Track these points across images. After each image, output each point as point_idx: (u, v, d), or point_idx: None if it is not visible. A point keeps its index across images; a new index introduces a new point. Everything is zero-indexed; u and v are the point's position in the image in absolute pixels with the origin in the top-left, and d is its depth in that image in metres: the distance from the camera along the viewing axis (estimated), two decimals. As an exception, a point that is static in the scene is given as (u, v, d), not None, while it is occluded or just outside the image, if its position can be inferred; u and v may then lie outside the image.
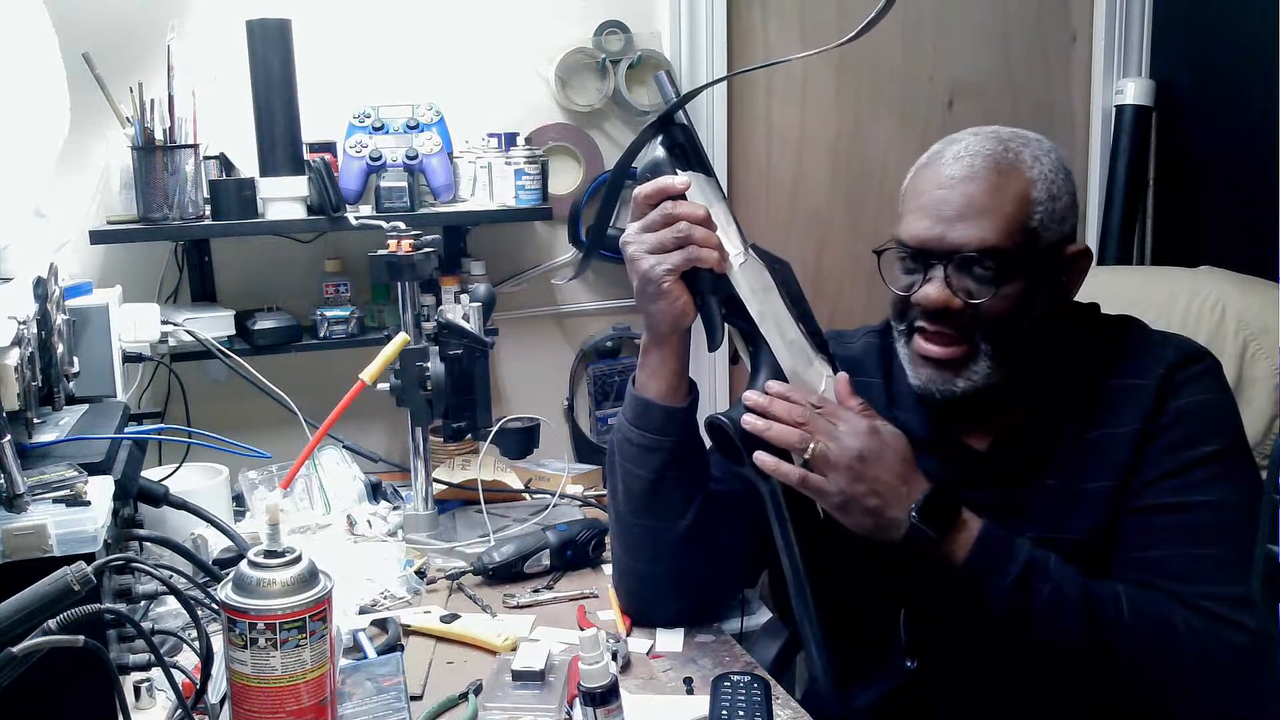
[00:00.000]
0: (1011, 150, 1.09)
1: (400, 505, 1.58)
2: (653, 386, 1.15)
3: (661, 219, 1.06)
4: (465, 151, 1.87)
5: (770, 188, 2.21)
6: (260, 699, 0.88)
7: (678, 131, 1.08)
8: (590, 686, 0.94)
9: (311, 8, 1.79)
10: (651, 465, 1.16)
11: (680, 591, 1.22)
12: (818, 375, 1.09)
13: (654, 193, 1.07)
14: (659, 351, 1.14)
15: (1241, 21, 2.13)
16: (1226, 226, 2.19)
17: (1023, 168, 1.08)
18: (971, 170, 1.08)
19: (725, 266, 1.06)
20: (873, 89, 2.24)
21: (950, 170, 1.09)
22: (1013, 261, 1.06)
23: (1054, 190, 1.09)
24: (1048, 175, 1.09)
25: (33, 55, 1.18)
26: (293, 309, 1.80)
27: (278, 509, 0.91)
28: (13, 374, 0.98)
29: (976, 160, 1.08)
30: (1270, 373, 1.46)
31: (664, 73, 1.15)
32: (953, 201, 1.07)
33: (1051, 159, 1.11)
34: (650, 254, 1.06)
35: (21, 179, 1.15)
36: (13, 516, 0.89)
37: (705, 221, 1.06)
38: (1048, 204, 1.08)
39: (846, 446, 1.03)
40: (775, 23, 2.14)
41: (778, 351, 1.08)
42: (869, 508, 1.03)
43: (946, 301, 1.08)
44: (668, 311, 1.09)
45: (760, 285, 1.07)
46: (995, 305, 1.07)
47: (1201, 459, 1.08)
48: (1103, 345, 1.16)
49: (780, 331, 1.08)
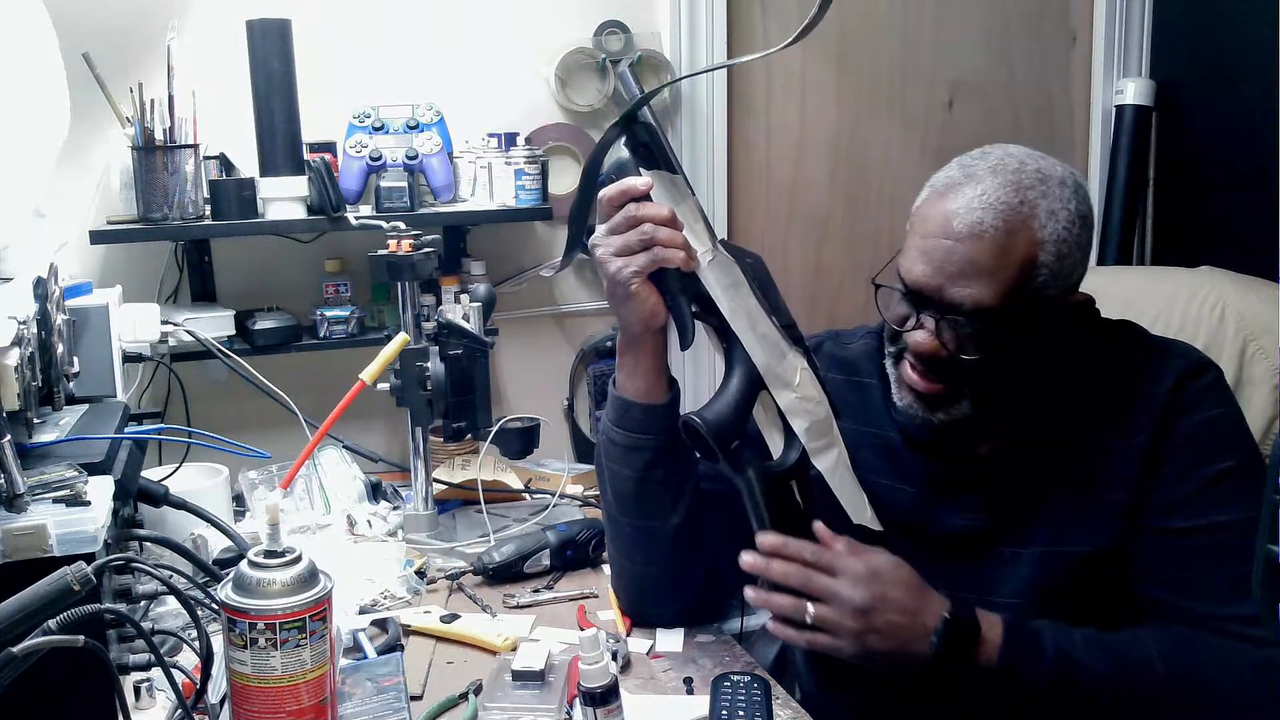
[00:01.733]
0: (1027, 203, 1.04)
1: (400, 505, 1.58)
2: (631, 386, 1.15)
3: (626, 221, 1.05)
4: (465, 151, 1.87)
5: (770, 188, 2.21)
6: (260, 699, 0.88)
7: (640, 130, 1.06)
8: (590, 686, 0.94)
9: (311, 8, 1.79)
10: (636, 465, 1.16)
11: (678, 591, 1.23)
12: (791, 368, 1.08)
13: (617, 195, 1.06)
14: (634, 351, 1.14)
15: (1241, 21, 2.12)
16: (1226, 226, 2.19)
17: (1035, 225, 1.03)
18: (980, 228, 1.03)
19: (693, 265, 1.06)
20: (873, 89, 2.24)
21: (960, 222, 1.03)
22: (1007, 323, 1.04)
23: (1064, 249, 1.05)
24: (1060, 234, 1.04)
25: (33, 55, 1.18)
26: (293, 309, 1.80)
27: (278, 509, 0.91)
28: (13, 374, 0.98)
29: (988, 215, 1.03)
30: (1269, 373, 1.46)
31: (626, 69, 1.14)
32: (955, 258, 1.03)
33: (1069, 211, 1.05)
34: (617, 256, 1.06)
35: (21, 179, 1.15)
36: (13, 516, 0.89)
37: (670, 221, 1.05)
38: (1054, 264, 1.04)
39: (847, 602, 1.01)
40: (775, 23, 2.14)
41: (750, 347, 1.07)
42: (887, 651, 1.02)
43: (934, 351, 1.07)
44: (638, 312, 1.09)
45: (730, 281, 1.07)
46: (984, 361, 1.06)
47: (1219, 476, 1.08)
48: (1105, 350, 1.15)
49: (752, 326, 1.07)
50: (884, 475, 1.19)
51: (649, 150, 1.07)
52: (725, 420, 1.06)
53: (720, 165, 2.11)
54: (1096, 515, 1.11)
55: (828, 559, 1.04)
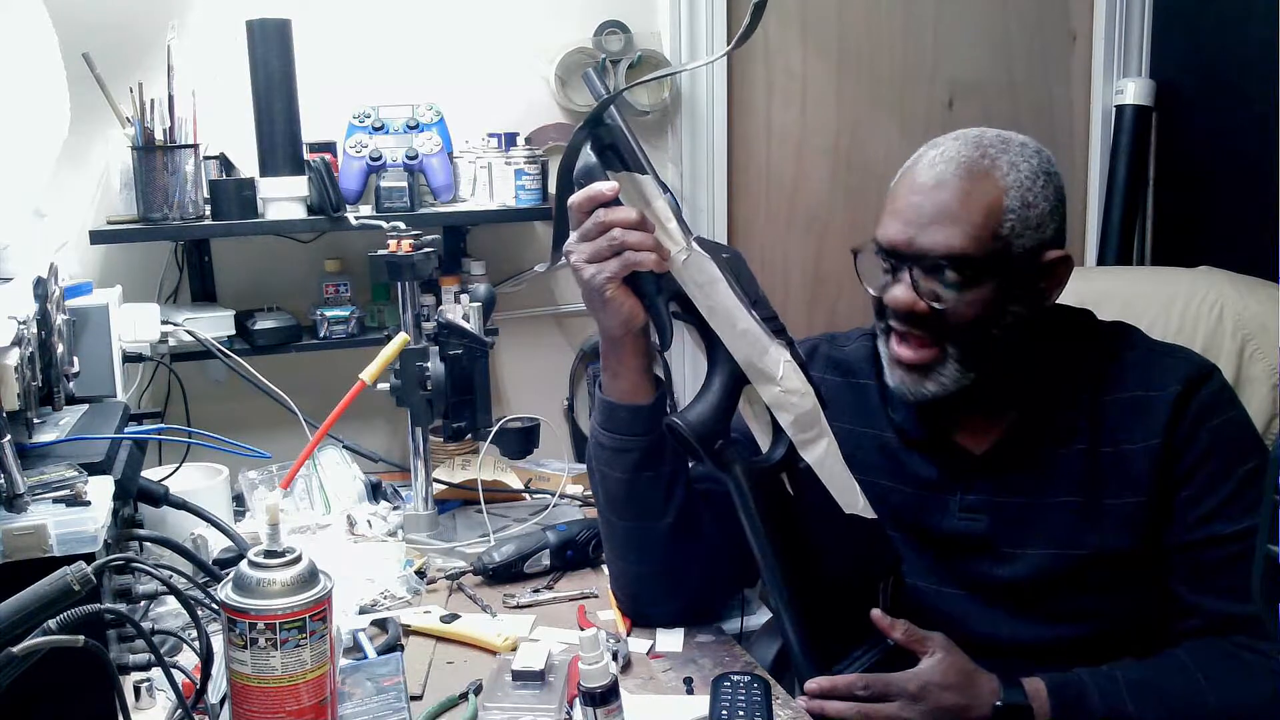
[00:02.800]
0: (988, 157, 1.09)
1: (400, 505, 1.58)
2: (615, 388, 1.15)
3: (595, 228, 1.05)
4: (465, 151, 1.87)
5: (770, 188, 2.21)
6: (260, 699, 0.88)
7: (604, 133, 1.05)
8: (590, 686, 0.94)
9: (311, 8, 1.79)
10: (624, 466, 1.16)
11: (675, 591, 1.22)
12: (774, 362, 1.07)
13: (584, 201, 1.05)
14: (616, 354, 1.14)
15: (1241, 21, 2.13)
16: (1226, 226, 2.19)
17: (997, 175, 1.08)
18: (943, 177, 1.08)
19: (666, 266, 1.05)
20: (872, 89, 2.24)
21: (924, 176, 1.10)
22: (979, 268, 1.07)
23: (1029, 198, 1.08)
24: (1024, 182, 1.08)
25: (33, 55, 1.18)
26: (293, 309, 1.80)
27: (278, 509, 0.91)
28: (13, 374, 0.98)
29: (950, 167, 1.09)
30: (1267, 372, 1.46)
31: (591, 69, 1.11)
32: (923, 207, 1.08)
33: (1031, 165, 1.10)
34: (589, 263, 1.06)
35: (21, 179, 1.15)
36: (13, 516, 0.89)
37: (639, 224, 1.04)
38: (1020, 211, 1.08)
39: None
40: (775, 22, 2.14)
41: (729, 344, 1.06)
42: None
43: (912, 304, 1.09)
44: (616, 316, 1.09)
45: (706, 279, 1.06)
46: (961, 310, 1.08)
47: (1248, 477, 1.09)
48: (1104, 355, 1.16)
49: (731, 323, 1.06)
50: (882, 475, 1.19)
51: (616, 152, 1.06)
52: (707, 420, 1.06)
53: (720, 165, 2.11)
54: (1105, 518, 1.11)
55: (880, 688, 1.06)
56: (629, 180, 1.06)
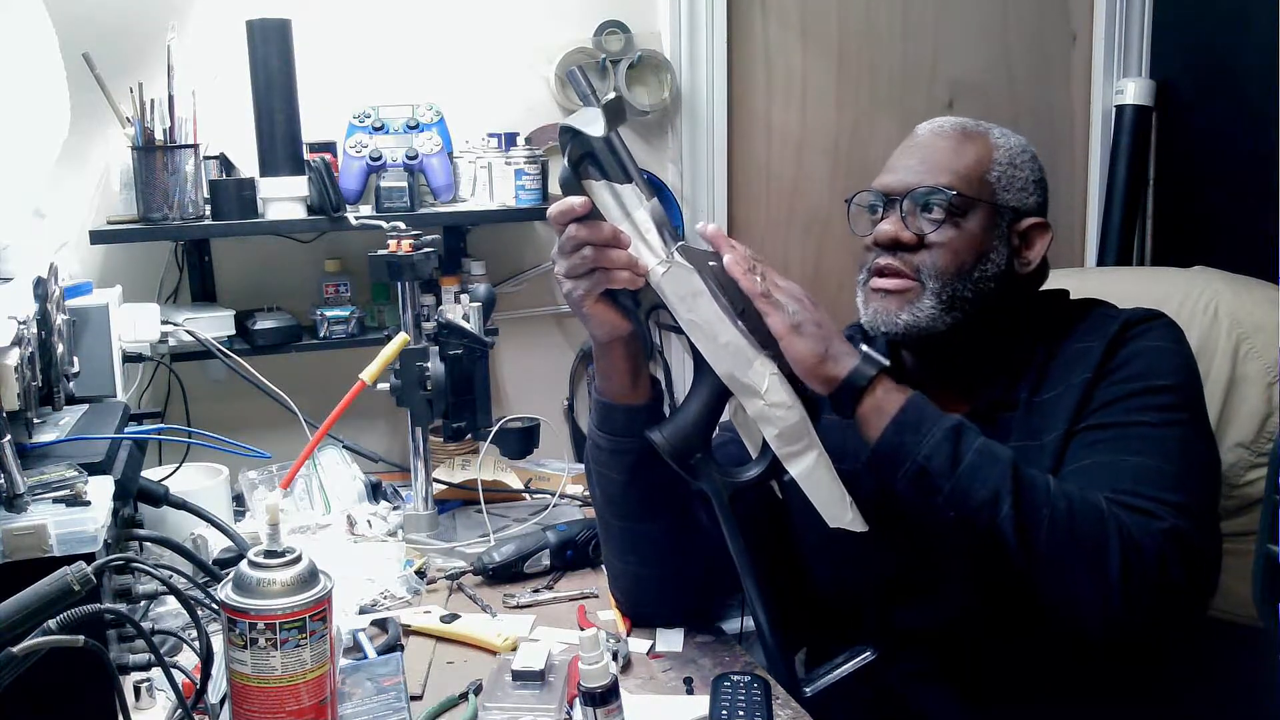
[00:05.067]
0: (981, 128, 1.20)
1: (400, 505, 1.58)
2: (609, 389, 1.15)
3: (569, 243, 1.04)
4: (465, 151, 1.87)
5: (770, 188, 2.21)
6: (260, 699, 0.88)
7: (580, 143, 1.02)
8: (590, 686, 0.94)
9: (311, 8, 1.79)
10: (622, 468, 1.16)
11: (673, 591, 1.23)
12: (759, 375, 1.04)
13: (557, 215, 1.04)
14: (607, 358, 1.13)
15: (1241, 21, 2.13)
16: (1226, 227, 2.19)
17: (989, 138, 1.19)
18: (939, 133, 1.20)
19: (644, 281, 1.04)
20: (872, 89, 2.24)
21: (919, 137, 1.21)
22: (965, 205, 1.14)
23: (1016, 161, 1.18)
24: (1012, 148, 1.19)
25: (33, 55, 1.18)
26: (293, 309, 1.80)
27: (278, 509, 0.91)
28: (13, 374, 0.98)
29: (945, 126, 1.21)
30: (1262, 372, 1.45)
31: (576, 69, 1.07)
32: (917, 156, 1.18)
33: (1020, 142, 1.20)
34: (566, 278, 1.06)
35: (21, 179, 1.15)
36: (13, 516, 0.89)
37: (612, 241, 1.03)
38: (1007, 168, 1.17)
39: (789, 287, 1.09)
40: (775, 23, 2.14)
41: (711, 358, 1.04)
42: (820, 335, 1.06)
43: (898, 233, 1.15)
44: (600, 327, 1.09)
45: (687, 292, 1.03)
46: (944, 243, 1.13)
47: (1144, 390, 1.08)
48: (1064, 319, 1.18)
49: (712, 337, 1.04)
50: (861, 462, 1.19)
51: (595, 161, 1.03)
52: (682, 435, 1.06)
53: (720, 165, 2.11)
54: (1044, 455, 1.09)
55: None
56: (607, 191, 1.03)
